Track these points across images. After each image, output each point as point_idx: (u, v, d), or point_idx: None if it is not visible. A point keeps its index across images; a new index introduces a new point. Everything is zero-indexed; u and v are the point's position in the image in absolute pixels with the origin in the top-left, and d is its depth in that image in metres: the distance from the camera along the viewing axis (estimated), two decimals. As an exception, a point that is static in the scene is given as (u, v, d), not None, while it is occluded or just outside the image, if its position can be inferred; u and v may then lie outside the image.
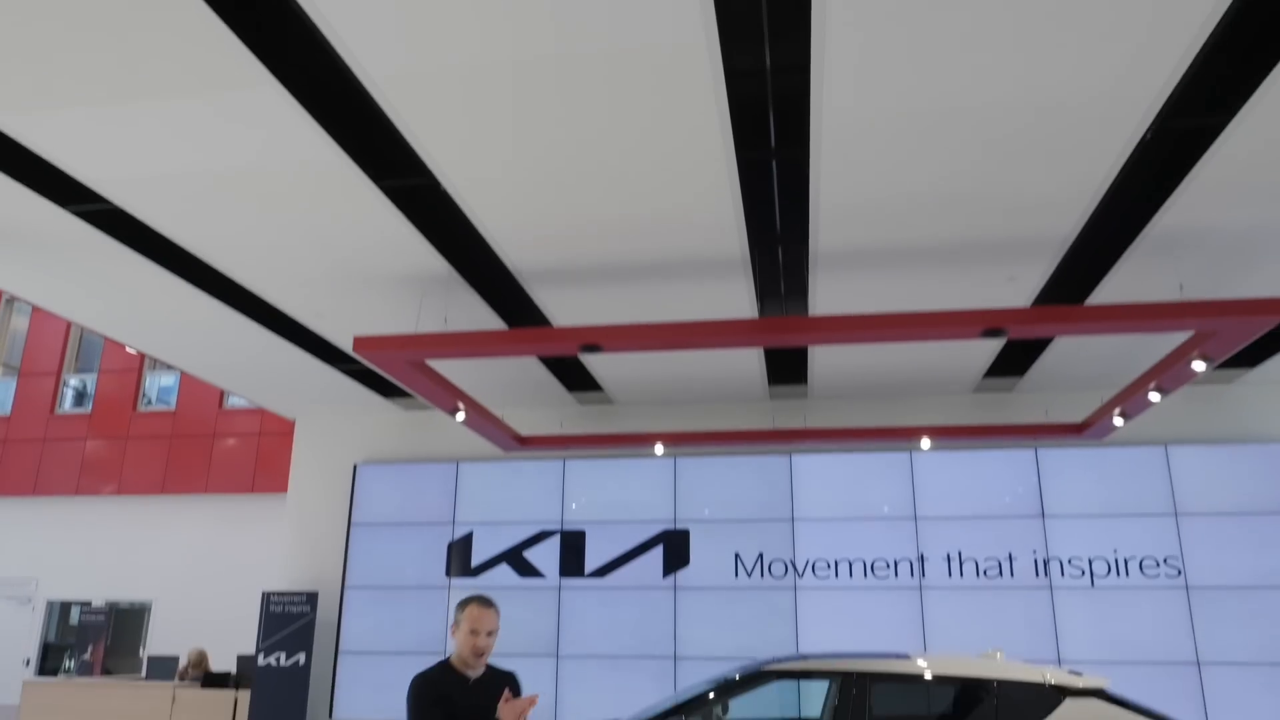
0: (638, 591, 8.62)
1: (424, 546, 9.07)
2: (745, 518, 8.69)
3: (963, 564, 8.31)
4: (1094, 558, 8.19)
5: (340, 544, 9.25)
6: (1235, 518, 8.06)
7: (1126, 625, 7.99)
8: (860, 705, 5.45)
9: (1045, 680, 5.47)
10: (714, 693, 5.79)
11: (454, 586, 8.94)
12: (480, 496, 9.13)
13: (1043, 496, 8.38)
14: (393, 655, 8.84)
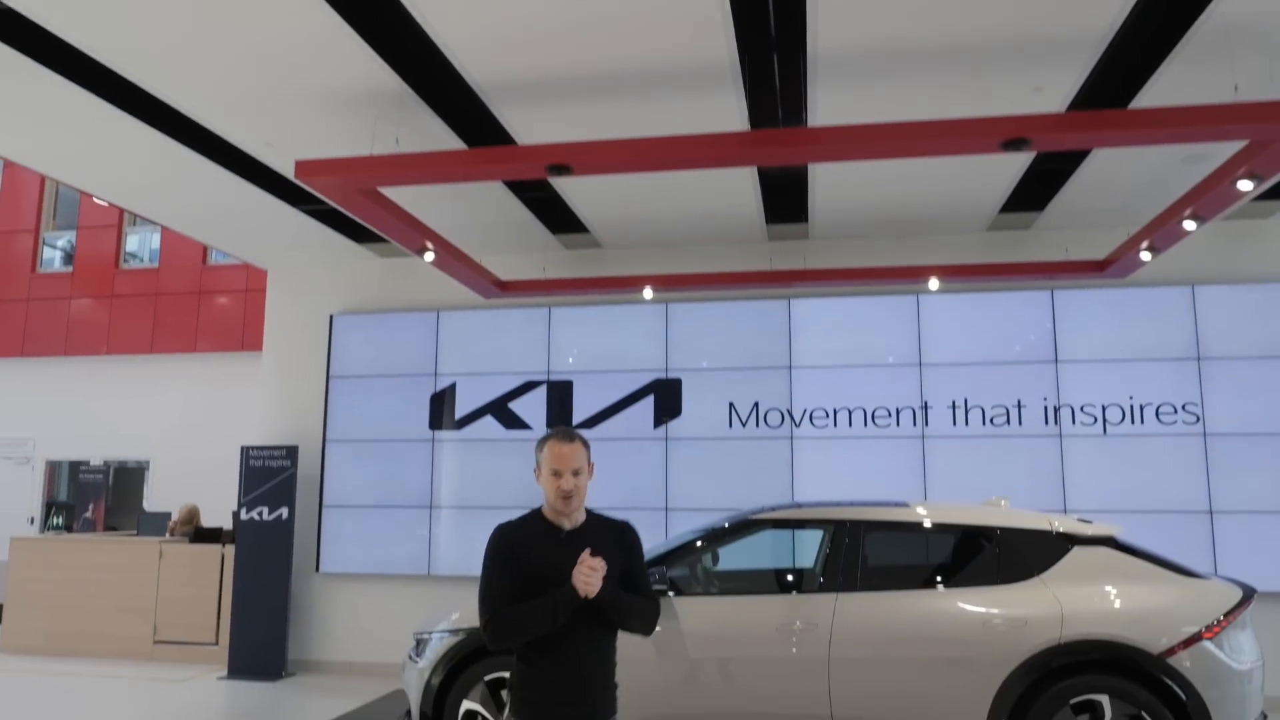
0: (628, 443, 8.28)
1: (406, 399, 8.70)
2: (740, 365, 8.24)
3: (968, 412, 7.90)
4: (1108, 404, 7.76)
5: (319, 397, 8.89)
6: (1262, 361, 7.57)
7: (1138, 474, 7.63)
8: (853, 554, 5.12)
9: (1052, 528, 5.11)
10: (702, 541, 5.47)
11: (438, 439, 8.62)
12: (463, 347, 8.70)
13: (1057, 341, 7.88)
14: (378, 509, 8.61)
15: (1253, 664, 4.77)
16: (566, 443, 2.96)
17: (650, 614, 3.03)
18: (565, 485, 2.92)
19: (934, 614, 4.89)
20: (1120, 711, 4.59)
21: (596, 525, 3.06)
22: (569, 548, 2.91)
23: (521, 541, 2.98)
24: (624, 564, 3.01)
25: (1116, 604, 4.83)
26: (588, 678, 2.91)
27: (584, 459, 2.97)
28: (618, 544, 3.03)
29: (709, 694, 4.94)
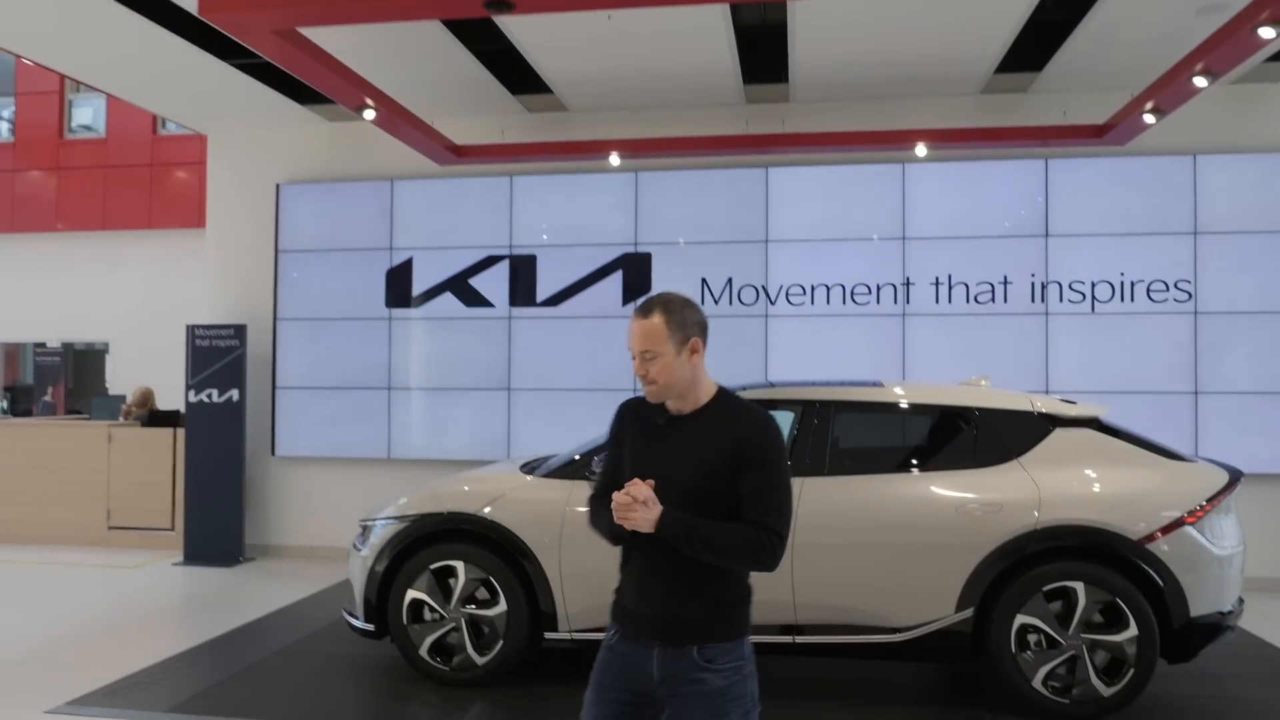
0: (595, 321, 7.88)
1: (360, 274, 8.23)
2: (714, 239, 7.78)
3: (952, 289, 7.50)
4: (1098, 281, 7.38)
5: (268, 273, 8.40)
6: (1260, 236, 7.17)
7: (1125, 354, 7.32)
8: (822, 436, 4.79)
9: (1033, 409, 4.78)
10: (664, 423, 5.12)
11: (395, 317, 8.18)
12: (419, 219, 8.17)
13: (1048, 214, 7.42)
14: (334, 390, 8.25)
15: (1233, 549, 4.54)
16: (640, 317, 2.37)
17: (746, 550, 2.24)
18: (638, 369, 2.37)
19: (905, 499, 4.61)
20: (1094, 599, 4.37)
21: (710, 415, 2.38)
22: (663, 439, 2.41)
23: (634, 419, 2.52)
24: (726, 472, 2.30)
25: (1096, 488, 4.56)
26: (659, 594, 2.36)
27: (663, 338, 2.32)
28: (727, 446, 2.30)
29: (666, 581, 4.69)
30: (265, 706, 4.64)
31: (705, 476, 2.31)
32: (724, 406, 2.40)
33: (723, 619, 2.31)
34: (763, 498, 2.27)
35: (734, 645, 2.31)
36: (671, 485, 2.30)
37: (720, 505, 2.30)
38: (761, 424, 2.34)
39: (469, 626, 4.85)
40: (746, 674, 2.32)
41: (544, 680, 5.00)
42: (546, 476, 5.02)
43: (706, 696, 2.28)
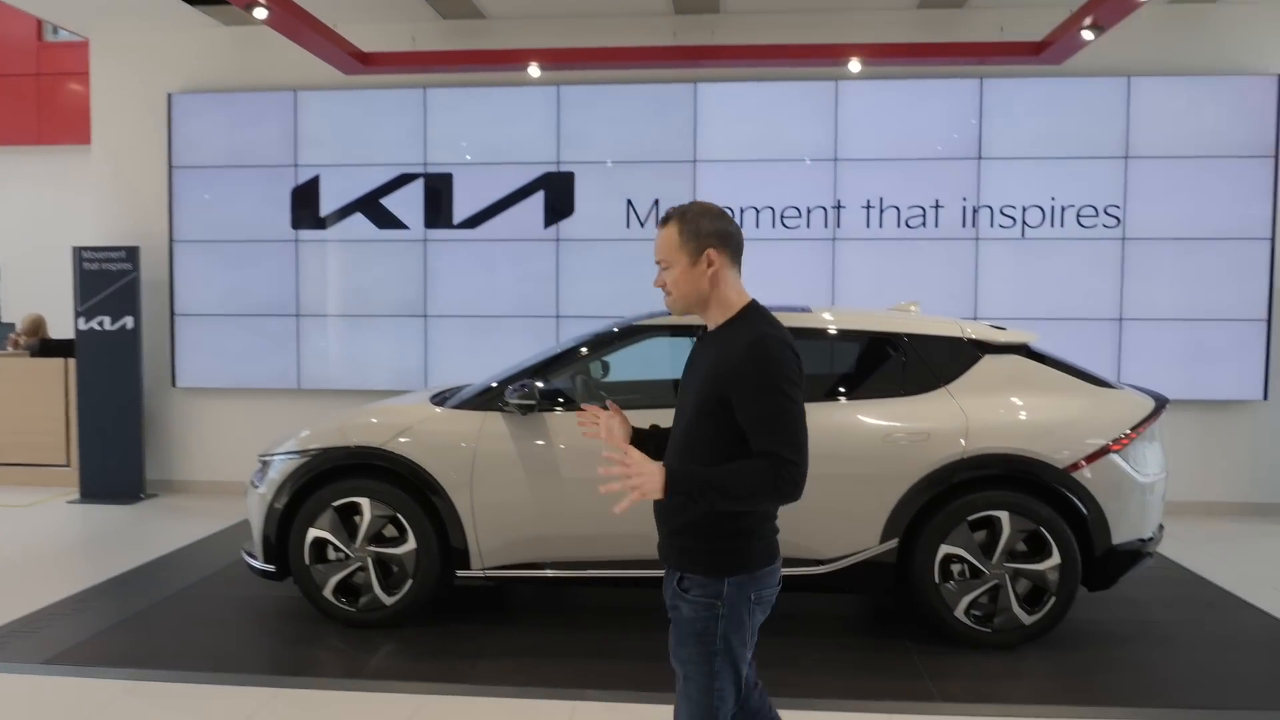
0: (515, 244, 7.51)
1: (263, 193, 7.69)
2: (640, 158, 7.42)
3: (883, 213, 7.31)
4: (1028, 206, 7.26)
5: (162, 191, 7.80)
6: (1189, 161, 7.10)
7: (1052, 280, 7.25)
8: (746, 364, 4.57)
9: (963, 335, 4.63)
10: (580, 351, 4.87)
11: (302, 239, 7.70)
12: (326, 133, 7.63)
13: (981, 135, 7.24)
14: (238, 318, 7.78)
15: (1156, 476, 4.50)
16: (661, 226, 2.30)
17: (763, 487, 2.07)
18: (657, 279, 2.32)
19: (831, 429, 4.44)
20: (1018, 528, 4.30)
21: (722, 336, 2.25)
22: (691, 361, 2.37)
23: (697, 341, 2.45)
24: (723, 399, 2.14)
25: (1023, 416, 4.46)
26: (660, 515, 2.35)
27: (674, 247, 2.24)
28: (720, 370, 2.16)
29: (584, 517, 4.48)
30: (153, 655, 4.35)
31: (712, 400, 2.17)
32: (742, 321, 2.24)
33: (704, 551, 2.22)
34: (765, 423, 2.09)
35: (710, 581, 2.21)
36: (687, 408, 2.25)
37: (730, 429, 2.15)
38: (751, 343, 2.13)
39: (376, 566, 4.60)
40: (717, 614, 2.20)
41: (457, 619, 4.79)
42: (458, 408, 4.74)
43: (678, 626, 2.28)
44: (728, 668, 2.23)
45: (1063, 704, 3.79)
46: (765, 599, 2.27)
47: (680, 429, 2.28)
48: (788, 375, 2.12)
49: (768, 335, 2.14)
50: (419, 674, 4.14)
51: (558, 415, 4.59)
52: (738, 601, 2.21)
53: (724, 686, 2.23)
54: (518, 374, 4.75)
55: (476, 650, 4.39)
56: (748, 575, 2.21)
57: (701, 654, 2.22)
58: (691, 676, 2.24)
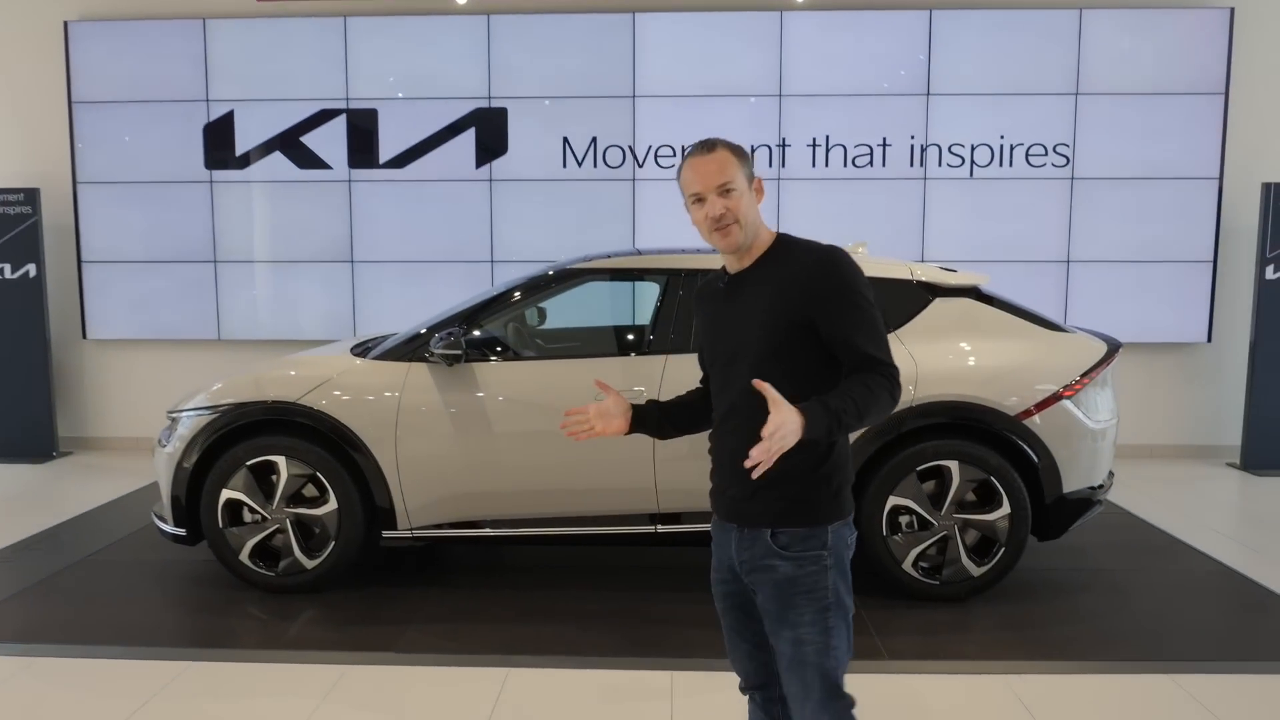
0: (445, 185, 7.12)
1: (173, 131, 7.16)
2: (576, 93, 7.05)
3: (829, 151, 7.06)
4: (977, 144, 7.06)
5: (62, 129, 7.23)
6: (1140, 99, 6.95)
7: (1000, 221, 7.10)
8: (687, 306, 4.34)
9: (912, 277, 4.44)
10: (509, 297, 4.58)
11: (217, 180, 7.21)
12: (240, 66, 7.11)
13: (930, 71, 6.99)
14: (151, 264, 7.29)
15: (1107, 422, 4.39)
16: (705, 153, 2.08)
17: (884, 400, 1.96)
18: (713, 209, 2.05)
19: (775, 377, 4.23)
20: (968, 477, 4.16)
21: (772, 263, 2.09)
22: (729, 304, 2.16)
23: (701, 302, 2.30)
24: (804, 320, 2.01)
25: (973, 362, 4.29)
26: (736, 470, 2.02)
27: (735, 170, 2.06)
28: (798, 291, 2.02)
29: (518, 472, 4.24)
30: (51, 628, 4.04)
31: (782, 331, 2.03)
32: (785, 248, 2.11)
33: (802, 500, 2.05)
34: (863, 334, 2.00)
35: (813, 531, 2.05)
36: (748, 352, 2.07)
37: (807, 359, 2.04)
38: (831, 256, 2.04)
39: (295, 528, 4.31)
40: (826, 565, 2.05)
41: (385, 582, 4.54)
42: (380, 358, 4.43)
43: (777, 586, 2.06)
44: (842, 622, 2.07)
45: (1012, 659, 3.68)
46: (852, 543, 2.14)
47: (745, 374, 2.01)
48: (866, 283, 2.05)
49: (835, 249, 2.06)
50: (342, 642, 3.90)
51: (489, 366, 4.31)
52: (841, 548, 2.09)
53: (839, 643, 2.06)
54: (445, 321, 4.45)
55: (404, 615, 4.15)
56: (846, 519, 2.10)
57: (815, 613, 2.03)
58: (806, 639, 2.03)
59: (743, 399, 2.02)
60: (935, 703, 3.39)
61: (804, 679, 2.04)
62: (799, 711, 2.08)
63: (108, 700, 3.37)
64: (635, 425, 2.36)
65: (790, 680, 2.08)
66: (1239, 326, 7.13)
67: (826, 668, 2.03)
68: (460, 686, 3.50)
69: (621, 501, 4.26)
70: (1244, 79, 6.95)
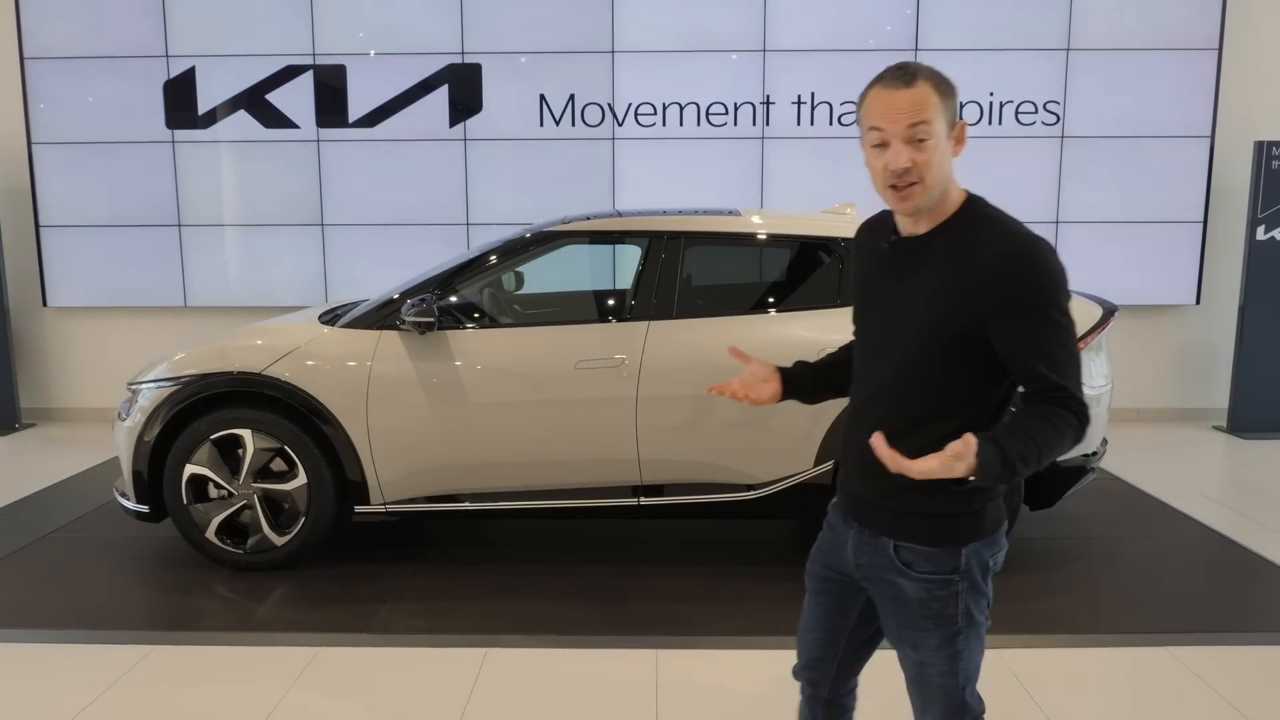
0: (418, 145, 6.87)
1: (131, 88, 6.85)
2: (553, 49, 6.79)
3: (815, 109, 6.86)
4: (966, 102, 6.88)
5: (14, 87, 6.90)
6: (1132, 54, 6.77)
7: (991, 180, 6.83)
8: (670, 270, 4.17)
9: (904, 238, 4.27)
10: (483, 262, 4.39)
11: (179, 140, 6.92)
12: (200, 19, 6.79)
13: (918, 26, 6.78)
14: (113, 229, 7.02)
15: (1102, 388, 4.28)
16: (899, 86, 1.63)
17: (1064, 439, 1.60)
18: (896, 161, 1.63)
19: (761, 342, 4.06)
20: (961, 445, 4.03)
21: (954, 237, 1.69)
22: (888, 274, 1.78)
23: (865, 240, 1.91)
24: (975, 323, 1.64)
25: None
26: (862, 467, 1.78)
27: (934, 112, 1.63)
28: (975, 285, 1.63)
29: (495, 443, 4.08)
30: (7, 612, 3.86)
31: (944, 339, 1.66)
32: (974, 223, 1.69)
33: (932, 517, 1.74)
34: (1052, 356, 1.61)
35: (941, 552, 1.75)
36: (896, 348, 1.72)
37: (967, 374, 1.68)
38: (1029, 253, 1.61)
39: (264, 503, 4.14)
40: (958, 590, 1.76)
41: (360, 559, 4.38)
42: (349, 326, 4.24)
43: (899, 604, 1.81)
44: (974, 642, 1.82)
45: (1007, 633, 3.57)
46: (1001, 559, 1.85)
47: (888, 367, 1.75)
48: (1066, 291, 1.63)
49: (1037, 240, 1.63)
50: (315, 623, 3.75)
51: (463, 334, 4.13)
52: (975, 570, 1.79)
53: (968, 663, 1.83)
54: (418, 287, 4.26)
55: (380, 594, 4.01)
56: (988, 538, 1.79)
57: (941, 636, 1.80)
58: (929, 662, 1.82)
59: (882, 395, 1.77)
60: (928, 679, 3.28)
61: (925, 695, 1.88)
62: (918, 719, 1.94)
63: (66, 687, 3.21)
64: (787, 390, 2.03)
65: (911, 691, 1.91)
66: (1228, 288, 7.04)
67: (951, 688, 1.83)
68: (438, 667, 3.37)
69: (603, 473, 4.12)
70: (1238, 34, 6.80)
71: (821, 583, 2.00)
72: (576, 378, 4.03)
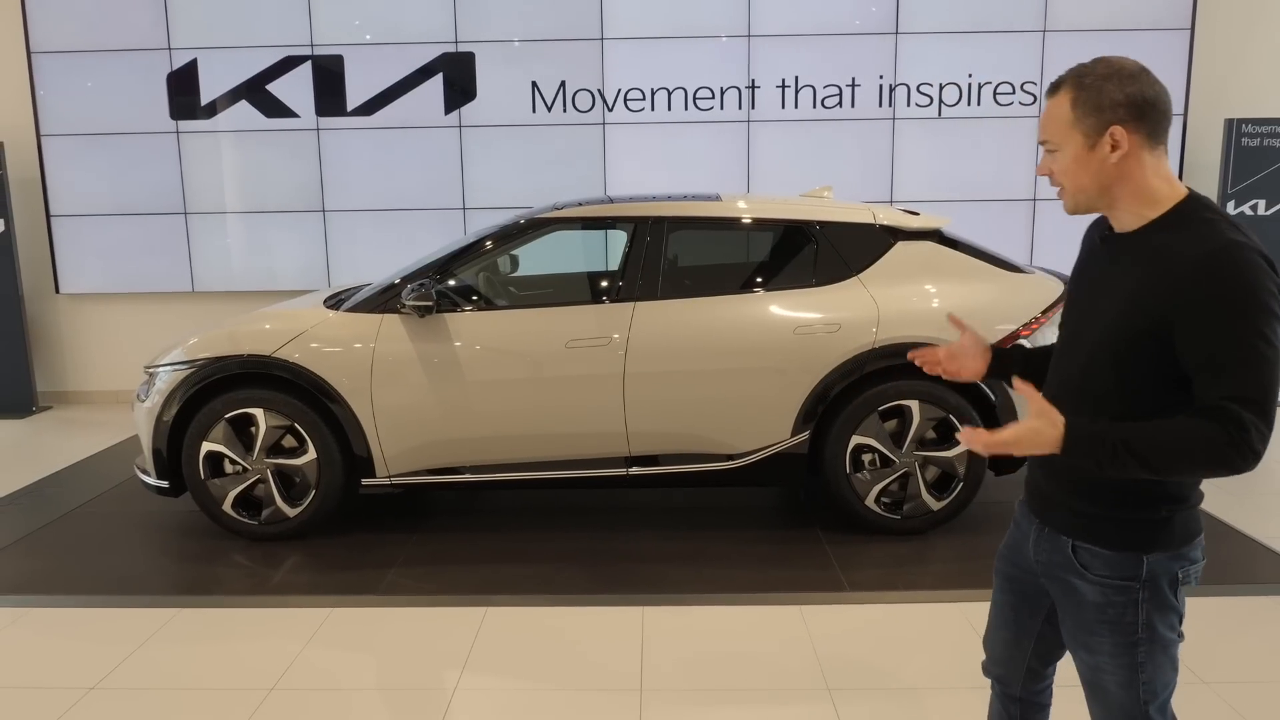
0: (414, 132, 7.09)
1: (136, 80, 7.06)
2: (544, 36, 6.99)
3: (799, 93, 7.07)
4: (945, 83, 7.08)
5: (22, 80, 7.12)
6: (1108, 35, 6.96)
7: (970, 160, 7.16)
8: (655, 254, 4.43)
9: (875, 221, 4.53)
10: (490, 243, 4.64)
11: (183, 130, 7.14)
12: (199, 11, 6.99)
13: (899, 7, 6.97)
14: (121, 217, 7.26)
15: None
16: (1049, 95, 1.73)
17: (1203, 458, 1.54)
18: (1040, 166, 1.79)
19: (742, 322, 4.34)
20: (927, 416, 4.31)
21: (1153, 239, 1.66)
22: (1096, 269, 1.79)
23: (1086, 239, 1.91)
24: (1159, 329, 1.60)
25: (935, 304, 4.40)
26: (1047, 462, 1.76)
27: (1063, 124, 1.68)
28: (1162, 288, 1.59)
29: (493, 419, 4.34)
30: (41, 581, 4.15)
31: (1122, 337, 1.64)
32: (1175, 225, 1.64)
33: (1114, 520, 1.72)
34: (1227, 368, 1.53)
35: (1122, 558, 1.71)
36: (1082, 344, 1.74)
37: (1154, 380, 1.63)
38: (1211, 253, 1.55)
39: (276, 477, 4.42)
40: (1137, 599, 1.71)
41: (364, 528, 4.67)
42: (353, 310, 4.49)
43: (1077, 606, 1.79)
44: (1160, 657, 1.74)
45: (968, 588, 3.85)
46: (1195, 573, 1.75)
47: (1075, 365, 1.74)
48: (1266, 303, 1.52)
49: (1237, 243, 1.55)
50: (327, 586, 4.04)
51: (461, 316, 4.39)
52: (1161, 580, 1.71)
53: (1152, 677, 1.74)
54: (417, 272, 4.51)
55: (386, 559, 4.29)
56: (1175, 550, 1.72)
57: (1117, 645, 1.74)
58: (1104, 668, 1.77)
59: (1068, 391, 1.75)
60: (893, 631, 3.57)
61: (1102, 702, 1.82)
62: None
63: (104, 646, 3.50)
64: (995, 369, 2.02)
65: (1088, 698, 1.87)
66: None
67: (1130, 702, 1.76)
68: (440, 624, 3.65)
69: (593, 445, 4.39)
70: (1209, 14, 6.99)
71: (1008, 580, 2.00)
72: (567, 356, 4.30)
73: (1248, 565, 4.14)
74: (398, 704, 3.10)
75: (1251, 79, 7.15)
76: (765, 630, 3.57)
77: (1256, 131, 6.88)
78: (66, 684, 3.23)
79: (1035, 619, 1.96)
